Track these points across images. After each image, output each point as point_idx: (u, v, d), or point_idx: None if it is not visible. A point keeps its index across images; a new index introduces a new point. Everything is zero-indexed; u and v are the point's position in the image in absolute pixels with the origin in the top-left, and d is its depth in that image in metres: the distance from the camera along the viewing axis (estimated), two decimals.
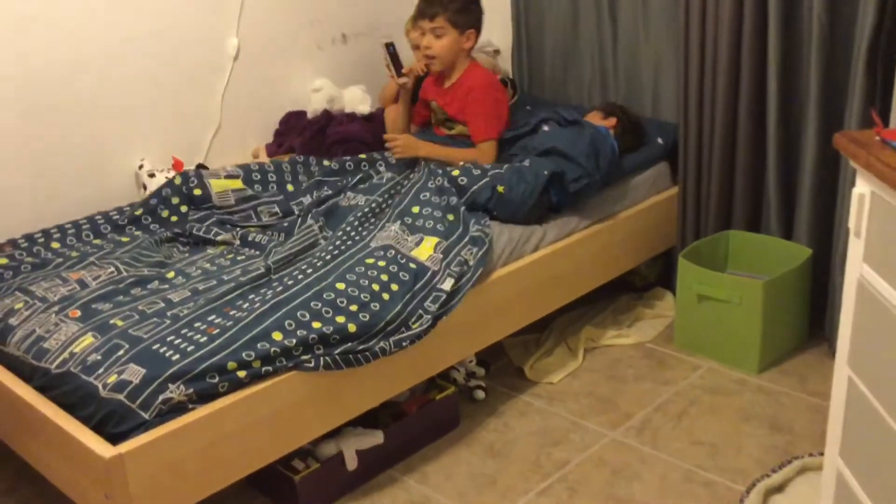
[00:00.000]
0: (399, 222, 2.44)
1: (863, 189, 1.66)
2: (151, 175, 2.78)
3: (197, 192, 2.63)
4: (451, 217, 2.48)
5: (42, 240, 2.48)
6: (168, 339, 1.97)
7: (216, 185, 2.66)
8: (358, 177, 2.75)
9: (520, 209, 2.57)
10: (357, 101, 3.27)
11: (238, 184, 2.69)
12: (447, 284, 2.27)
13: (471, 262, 2.35)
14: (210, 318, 2.05)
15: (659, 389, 2.65)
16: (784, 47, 2.69)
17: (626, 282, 3.17)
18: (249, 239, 2.53)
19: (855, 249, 1.72)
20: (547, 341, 2.90)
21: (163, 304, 2.14)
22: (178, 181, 2.64)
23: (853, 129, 2.48)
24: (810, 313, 2.84)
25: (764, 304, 2.61)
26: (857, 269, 1.71)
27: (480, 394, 2.62)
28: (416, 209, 2.48)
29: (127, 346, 1.94)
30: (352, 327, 2.08)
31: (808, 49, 2.64)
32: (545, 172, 2.58)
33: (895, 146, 1.60)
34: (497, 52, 3.71)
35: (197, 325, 2.02)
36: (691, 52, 2.86)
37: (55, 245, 2.48)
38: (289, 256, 2.34)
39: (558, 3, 3.42)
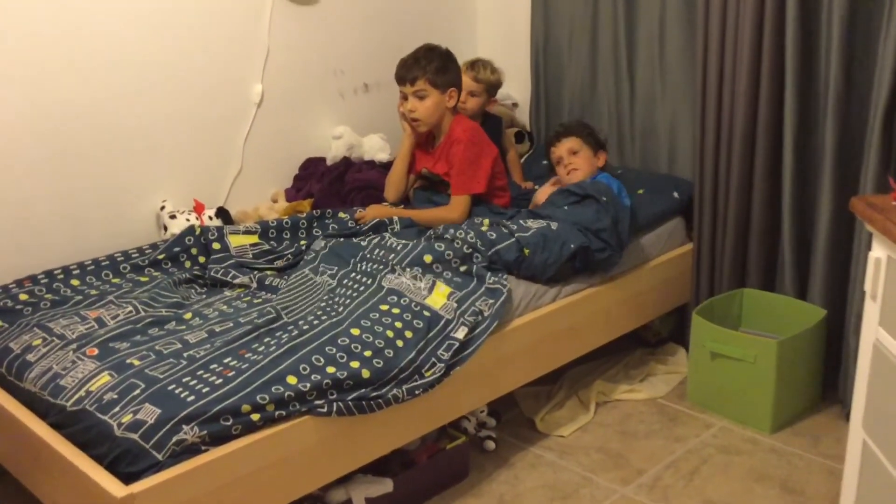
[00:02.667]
0: (409, 271, 2.45)
1: (879, 253, 1.68)
2: (172, 217, 2.81)
3: (216, 245, 2.67)
4: (463, 269, 2.49)
5: (62, 277, 2.51)
6: (183, 380, 1.98)
7: (234, 241, 2.70)
8: (371, 223, 2.77)
9: (541, 274, 2.59)
10: (376, 148, 3.32)
11: (255, 239, 2.73)
12: (461, 333, 2.28)
13: (486, 313, 2.37)
14: (226, 360, 2.06)
15: (671, 446, 2.63)
16: (801, 109, 2.73)
17: (639, 336, 3.17)
18: (266, 282, 2.55)
19: (871, 313, 1.73)
20: (559, 393, 2.90)
21: (179, 345, 2.15)
22: (198, 232, 2.69)
23: (869, 193, 2.51)
24: (824, 374, 2.83)
25: (778, 364, 2.61)
26: (872, 332, 1.72)
27: (491, 444, 2.61)
28: (428, 258, 2.49)
29: (143, 385, 1.95)
30: (366, 373, 2.09)
31: (825, 112, 2.67)
32: (571, 246, 2.60)
33: None
34: (515, 105, 3.77)
35: (212, 366, 2.03)
36: (708, 111, 2.90)
37: (75, 282, 2.50)
38: (295, 296, 2.36)
39: (577, 58, 3.47)
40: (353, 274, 2.46)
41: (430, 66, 2.82)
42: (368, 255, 2.53)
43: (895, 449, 1.64)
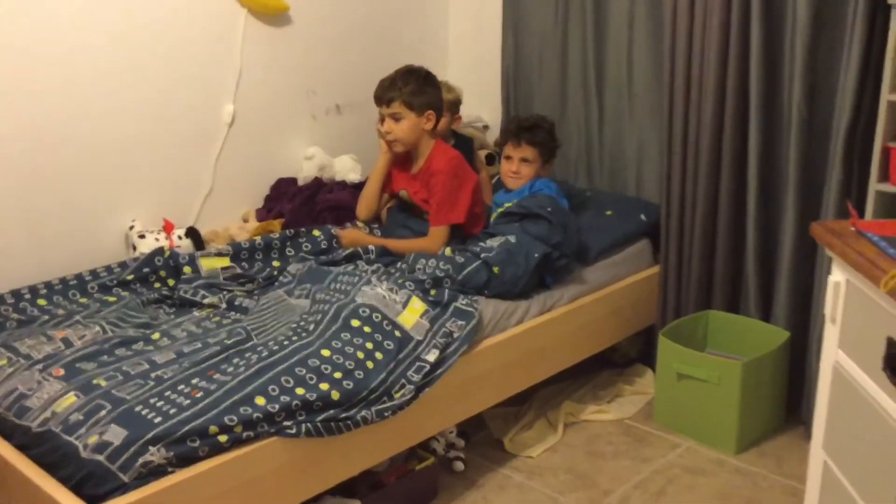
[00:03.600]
0: (385, 283, 2.46)
1: (838, 277, 1.71)
2: (142, 236, 2.80)
3: (187, 269, 2.66)
4: (433, 292, 2.51)
5: (28, 296, 2.49)
6: (151, 400, 1.97)
7: (206, 264, 2.69)
8: (346, 252, 2.78)
9: (512, 289, 2.63)
10: (347, 169, 3.33)
11: (226, 262, 2.72)
12: (432, 356, 2.29)
13: (455, 335, 2.38)
14: (194, 381, 2.05)
15: (638, 467, 2.65)
16: (764, 135, 2.78)
17: (607, 357, 3.19)
18: (236, 303, 2.55)
19: (830, 335, 1.76)
20: (527, 414, 2.91)
21: (147, 366, 2.14)
22: (167, 254, 2.68)
23: (830, 218, 2.56)
24: (787, 395, 2.87)
25: (742, 385, 2.65)
26: (832, 354, 1.75)
27: (460, 465, 2.62)
28: (401, 280, 2.52)
29: (109, 406, 1.94)
30: (335, 395, 2.09)
31: (788, 138, 2.73)
32: (535, 255, 2.64)
33: (870, 237, 1.66)
34: (486, 127, 3.81)
35: (180, 387, 2.02)
36: (674, 137, 2.95)
37: (42, 302, 2.48)
38: (266, 318, 2.36)
39: (547, 82, 3.52)
40: (324, 294, 2.46)
41: (405, 88, 2.82)
42: (341, 279, 2.53)
43: (855, 470, 1.67)
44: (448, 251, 2.72)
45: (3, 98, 2.54)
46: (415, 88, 2.82)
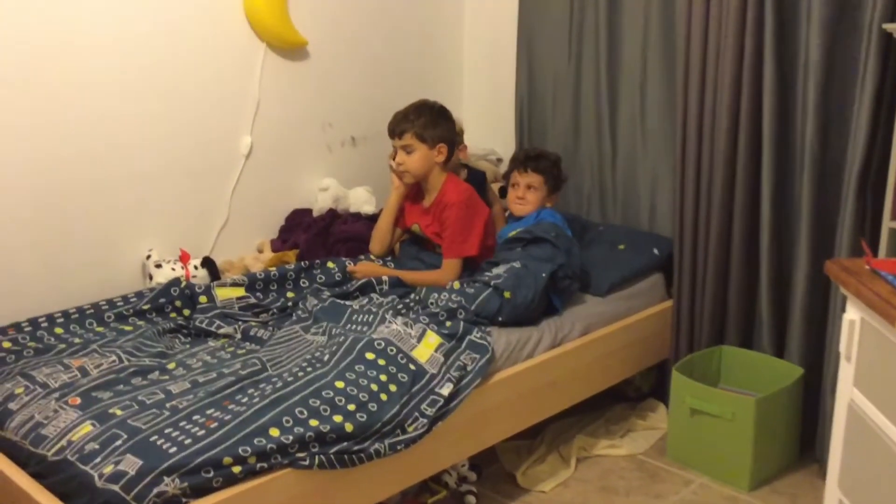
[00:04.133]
0: (400, 318, 2.48)
1: (853, 315, 1.72)
2: (158, 266, 2.83)
3: (203, 299, 2.69)
4: (449, 324, 2.52)
5: (46, 325, 2.51)
6: (166, 430, 1.97)
7: (221, 293, 2.71)
8: (360, 283, 2.80)
9: (525, 313, 2.65)
10: (362, 201, 3.35)
11: (242, 292, 2.74)
12: (446, 390, 2.30)
13: (469, 367, 2.39)
14: (209, 412, 2.06)
15: (650, 503, 2.64)
16: (777, 171, 2.79)
17: (620, 391, 3.19)
18: (251, 333, 2.56)
19: (846, 373, 1.76)
20: (540, 448, 2.90)
21: (162, 395, 2.15)
22: (183, 284, 2.70)
23: (843, 255, 2.56)
24: (802, 432, 2.85)
25: (756, 422, 2.63)
26: (847, 392, 1.75)
27: (472, 499, 2.60)
28: (415, 315, 2.53)
29: (125, 436, 1.95)
30: (349, 427, 2.09)
31: (801, 174, 2.74)
32: (543, 275, 2.66)
33: (884, 276, 1.66)
34: (500, 160, 3.83)
35: (195, 417, 2.03)
36: (687, 172, 2.96)
37: (58, 331, 2.50)
38: (280, 352, 2.37)
39: (561, 116, 3.55)
40: (341, 330, 2.48)
41: (418, 120, 2.86)
42: (356, 319, 2.55)
43: None
44: (456, 284, 2.73)
45: (23, 129, 2.58)
46: (427, 121, 2.87)
